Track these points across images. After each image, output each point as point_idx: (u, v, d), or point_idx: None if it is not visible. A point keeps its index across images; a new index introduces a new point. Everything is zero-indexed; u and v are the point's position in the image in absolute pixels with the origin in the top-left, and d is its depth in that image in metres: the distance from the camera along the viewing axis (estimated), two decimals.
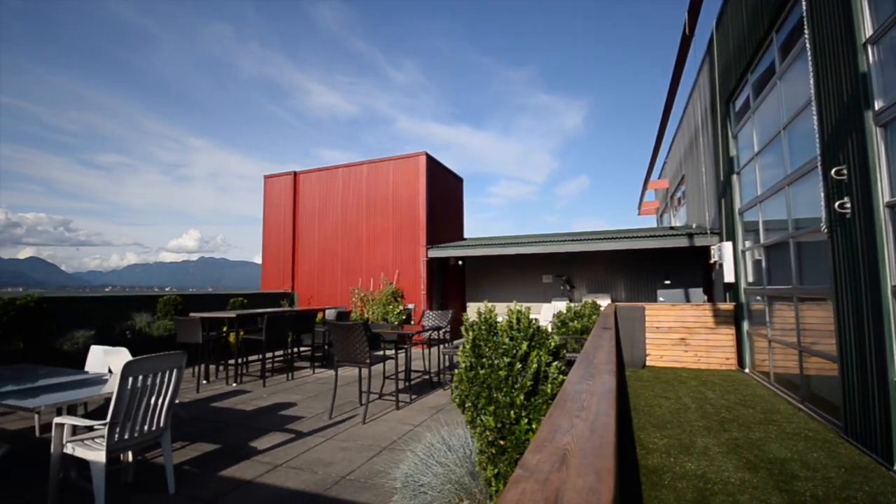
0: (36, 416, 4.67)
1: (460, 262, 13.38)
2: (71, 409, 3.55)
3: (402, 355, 7.86)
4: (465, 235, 14.58)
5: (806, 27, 4.67)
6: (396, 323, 10.27)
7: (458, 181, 14.11)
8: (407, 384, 6.63)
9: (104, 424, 2.83)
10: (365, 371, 6.64)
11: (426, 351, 9.88)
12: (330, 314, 9.03)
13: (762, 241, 6.53)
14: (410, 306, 11.18)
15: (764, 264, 6.52)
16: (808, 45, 4.62)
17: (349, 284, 12.18)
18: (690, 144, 11.38)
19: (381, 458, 3.81)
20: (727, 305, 7.63)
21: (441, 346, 7.11)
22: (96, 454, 2.78)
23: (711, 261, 8.02)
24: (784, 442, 4.05)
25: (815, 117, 4.54)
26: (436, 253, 11.29)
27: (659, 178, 17.61)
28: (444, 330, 7.12)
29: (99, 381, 3.61)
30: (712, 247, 8.02)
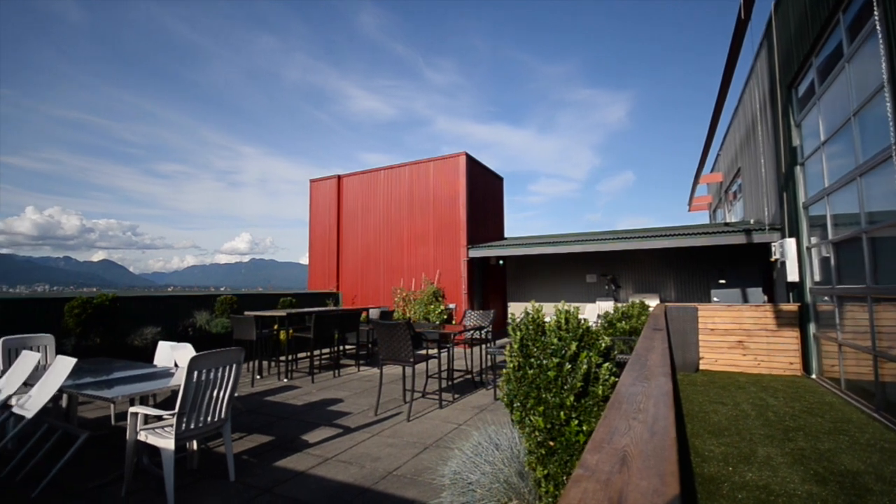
0: (111, 406, 5.09)
1: (501, 262, 13.29)
2: (142, 400, 3.85)
3: (443, 355, 7.93)
4: (506, 235, 14.47)
5: (876, 5, 4.29)
6: (438, 322, 10.35)
7: (498, 180, 14.03)
8: (449, 383, 6.67)
9: (172, 414, 3.05)
10: (409, 369, 6.75)
11: (468, 351, 9.89)
12: (374, 313, 9.24)
13: (830, 236, 6.06)
14: (451, 306, 11.23)
15: (833, 262, 6.04)
16: (878, 25, 4.25)
17: (391, 284, 12.40)
18: (747, 135, 10.73)
19: (427, 455, 3.87)
20: (791, 306, 7.13)
21: (484, 346, 7.10)
22: (166, 442, 3.00)
23: (772, 259, 7.53)
24: (856, 453, 3.74)
25: (888, 102, 4.16)
26: (476, 253, 11.28)
27: (712, 172, 16.71)
28: (485, 330, 7.10)
29: (167, 374, 3.89)
30: (773, 244, 7.52)
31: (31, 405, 3.51)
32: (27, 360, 3.93)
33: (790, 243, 7.01)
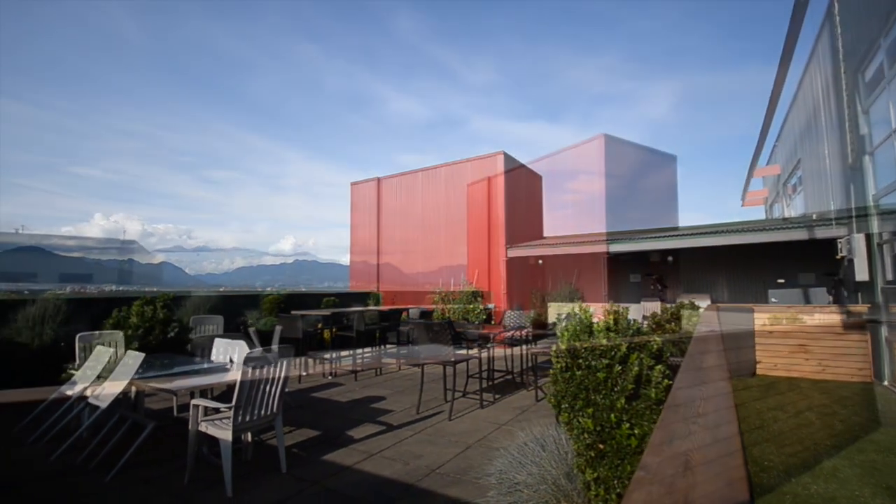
0: (174, 398, 5.43)
1: (540, 262, 13.10)
2: (202, 393, 4.08)
3: (483, 355, 7.91)
4: (545, 234, 14.25)
5: None
6: (477, 322, 10.34)
7: (536, 179, 13.85)
8: (490, 383, 6.65)
9: (229, 407, 3.22)
10: (449, 369, 6.78)
11: (508, 351, 9.82)
12: (414, 313, 9.36)
13: None
14: (491, 306, 11.19)
15: None
16: None
17: (430, 284, 12.50)
18: (808, 124, 10.02)
19: (469, 455, 3.88)
20: (860, 307, 6.60)
21: (524, 347, 7.04)
22: (224, 433, 3.17)
23: (838, 256, 7.00)
24: None
25: None
26: (515, 252, 11.18)
27: (768, 164, 15.72)
28: (526, 330, 7.03)
29: (223, 369, 4.11)
30: (839, 240, 6.99)
31: (104, 396, 3.81)
32: (101, 355, 4.27)
33: (859, 239, 6.48)
